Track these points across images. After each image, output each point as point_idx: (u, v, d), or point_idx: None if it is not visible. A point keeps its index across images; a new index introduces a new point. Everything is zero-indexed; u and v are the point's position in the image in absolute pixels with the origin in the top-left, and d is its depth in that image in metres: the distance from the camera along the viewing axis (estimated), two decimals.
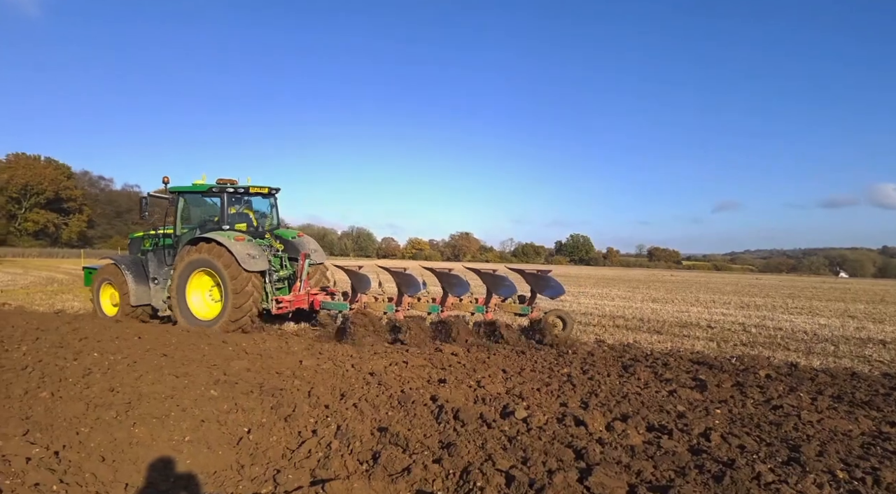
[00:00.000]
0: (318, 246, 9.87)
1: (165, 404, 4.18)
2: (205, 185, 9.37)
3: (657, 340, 9.05)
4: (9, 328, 7.43)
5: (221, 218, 9.19)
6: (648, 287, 27.62)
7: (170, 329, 7.86)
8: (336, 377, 5.35)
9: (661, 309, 14.78)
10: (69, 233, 65.80)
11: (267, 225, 10.00)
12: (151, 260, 9.68)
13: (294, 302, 8.85)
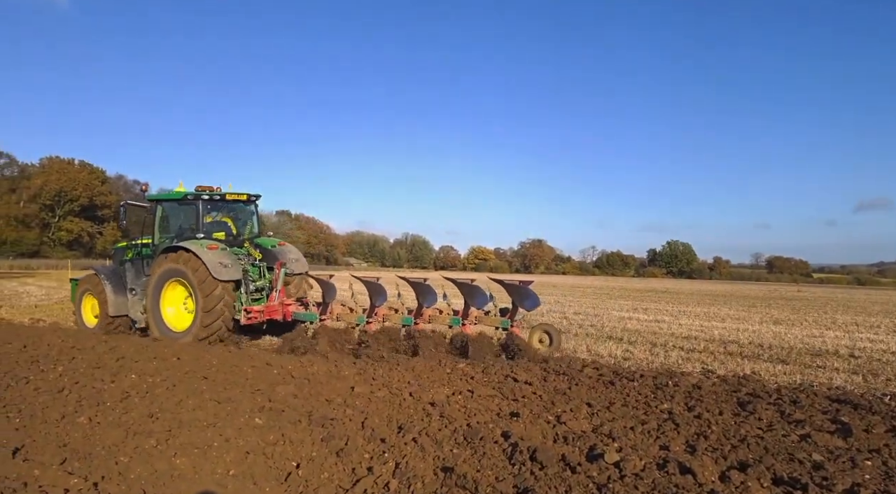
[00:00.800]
0: (300, 255, 10.64)
1: (207, 433, 4.42)
2: (181, 193, 10.10)
3: (782, 371, 8.54)
4: (44, 346, 8.15)
5: (197, 226, 9.93)
6: (768, 305, 26.11)
7: (210, 349, 8.32)
8: (392, 406, 5.44)
9: (787, 332, 13.93)
10: (104, 243, 71.39)
11: (247, 233, 10.78)
12: (129, 271, 10.58)
13: (265, 312, 9.55)
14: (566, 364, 8.13)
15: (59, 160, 70.67)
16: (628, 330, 13.78)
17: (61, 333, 9.58)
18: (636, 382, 6.95)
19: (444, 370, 7.36)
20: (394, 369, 7.33)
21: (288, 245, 10.79)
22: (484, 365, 7.65)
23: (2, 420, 4.59)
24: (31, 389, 5.63)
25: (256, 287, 10.09)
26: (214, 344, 9.11)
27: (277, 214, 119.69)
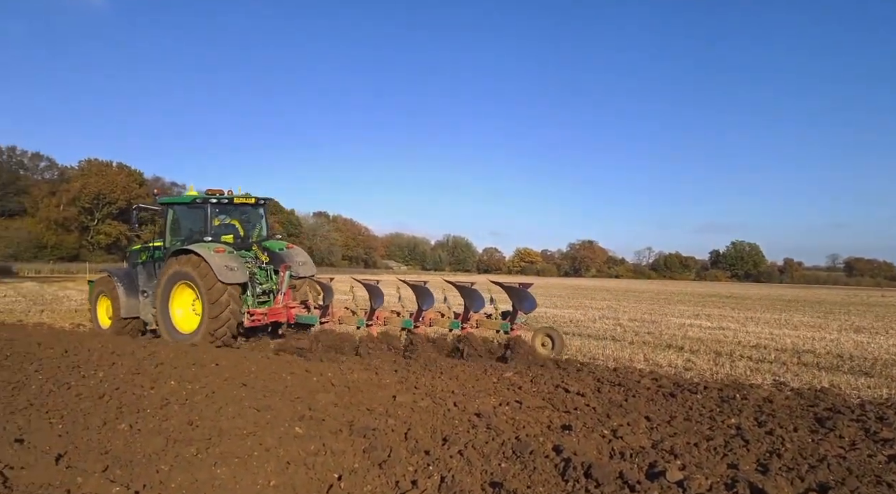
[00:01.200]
0: (308, 258, 11.24)
1: (247, 442, 4.54)
2: (190, 197, 10.89)
3: (866, 385, 8.17)
4: (85, 352, 8.54)
5: (205, 229, 10.62)
6: (848, 311, 25.02)
7: (248, 355, 8.55)
8: (436, 417, 5.46)
9: (870, 342, 13.31)
10: None
11: (255, 236, 11.41)
12: (141, 273, 11.37)
13: (269, 315, 10.14)
14: (622, 374, 7.99)
15: (97, 162, 73.96)
16: (689, 337, 13.44)
17: (101, 338, 10.02)
18: (699, 394, 6.77)
19: (489, 379, 7.35)
20: (437, 377, 7.36)
21: (296, 248, 11.36)
22: (532, 375, 7.60)
23: (45, 425, 4.82)
24: (73, 395, 5.89)
25: (263, 289, 10.67)
26: (253, 351, 9.35)
27: (315, 216, 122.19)
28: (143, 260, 11.68)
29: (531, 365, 8.41)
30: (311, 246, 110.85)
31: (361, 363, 8.36)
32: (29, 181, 72.48)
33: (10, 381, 6.35)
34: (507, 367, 8.20)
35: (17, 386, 6.15)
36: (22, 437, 4.43)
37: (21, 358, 7.81)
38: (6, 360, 7.66)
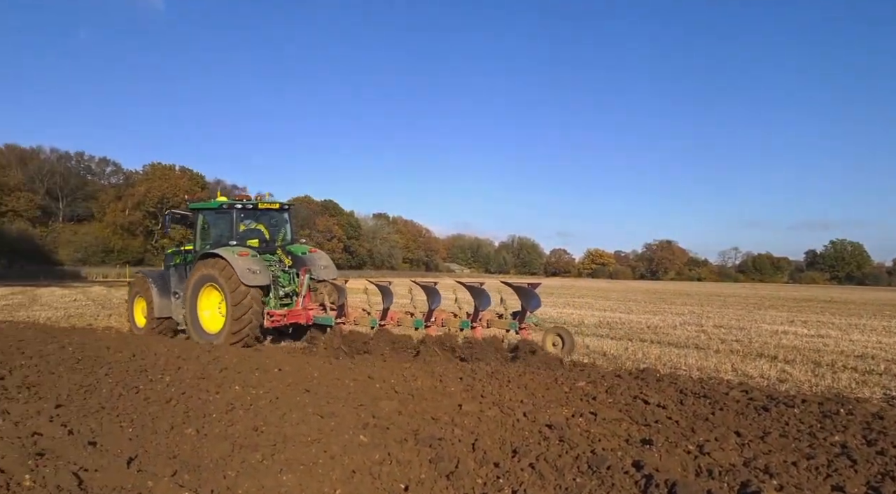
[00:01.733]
0: (330, 262, 12.06)
1: (312, 449, 4.67)
2: (218, 202, 11.84)
3: None
4: (152, 356, 9.01)
5: (231, 233, 11.60)
6: None
7: (310, 361, 8.80)
8: (505, 427, 5.45)
9: None
10: None
11: (280, 240, 12.42)
12: (174, 275, 12.43)
13: (289, 316, 10.94)
14: (707, 385, 7.72)
15: (161, 166, 78.06)
16: (784, 346, 12.83)
17: (167, 343, 10.55)
18: (797, 409, 6.45)
19: (561, 388, 7.26)
20: (504, 386, 7.33)
21: (319, 252, 12.27)
22: (607, 385, 7.46)
23: (116, 428, 5.12)
24: (142, 399, 6.24)
25: (286, 292, 11.62)
26: (315, 356, 9.60)
27: (374, 217, 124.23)
28: (176, 263, 12.72)
29: (605, 375, 8.26)
30: (371, 248, 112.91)
31: (425, 369, 8.43)
32: (96, 186, 77.22)
33: (83, 385, 6.78)
34: (579, 376, 8.08)
35: (89, 390, 6.56)
36: (95, 440, 4.72)
37: (92, 362, 8.33)
38: (78, 364, 8.19)
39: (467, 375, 8.05)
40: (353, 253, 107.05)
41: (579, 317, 19.30)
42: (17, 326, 13.19)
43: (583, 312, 22.21)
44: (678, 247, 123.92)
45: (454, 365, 8.92)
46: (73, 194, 72.97)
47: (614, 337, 13.79)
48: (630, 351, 11.52)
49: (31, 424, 5.04)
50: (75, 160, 78.27)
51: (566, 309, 23.61)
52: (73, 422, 5.17)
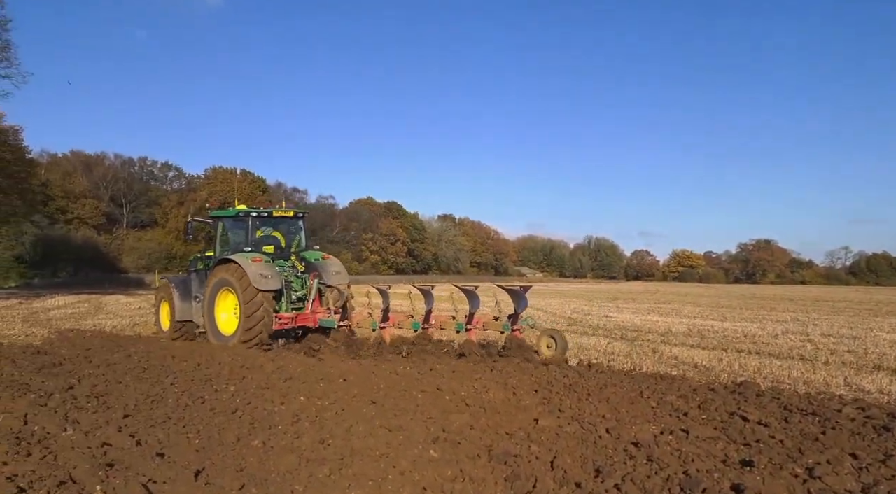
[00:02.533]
0: (342, 268, 13.24)
1: (381, 464, 4.75)
2: (235, 211, 13.44)
3: None
4: (216, 365, 9.41)
5: (246, 240, 12.91)
6: None
7: (376, 371, 8.94)
8: (586, 445, 5.36)
9: None
10: None
11: (294, 246, 13.75)
12: (195, 280, 13.78)
13: (297, 319, 12.12)
14: (816, 401, 7.36)
15: (222, 170, 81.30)
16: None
17: (230, 352, 10.96)
18: None
19: (647, 403, 7.09)
20: (583, 399, 7.24)
21: (332, 258, 13.48)
22: (700, 400, 7.23)
23: (183, 439, 5.36)
24: (207, 409, 6.51)
25: (298, 296, 12.82)
26: (380, 365, 9.75)
27: (440, 219, 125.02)
28: (199, 269, 14.00)
29: (697, 389, 8.01)
30: (437, 251, 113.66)
31: (497, 381, 8.42)
32: (159, 192, 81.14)
33: (149, 394, 7.14)
34: (668, 390, 7.88)
35: (156, 399, 6.90)
36: (163, 451, 4.97)
37: (158, 371, 8.77)
38: (144, 373, 8.64)
39: (543, 387, 7.99)
40: (417, 256, 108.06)
41: (666, 325, 18.78)
42: (85, 335, 14.04)
43: (669, 319, 21.61)
44: (778, 246, 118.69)
45: (529, 376, 8.87)
46: (137, 200, 76.91)
47: (706, 347, 13.36)
48: (725, 363, 11.13)
49: (101, 434, 5.36)
50: (138, 165, 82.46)
51: (650, 317, 23.05)
52: (140, 433, 5.46)
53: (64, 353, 10.54)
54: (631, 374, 9.17)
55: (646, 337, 15.00)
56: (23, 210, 40.19)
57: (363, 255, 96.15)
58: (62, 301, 25.92)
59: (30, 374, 8.25)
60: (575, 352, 11.86)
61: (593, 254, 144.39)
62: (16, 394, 6.77)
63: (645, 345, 13.30)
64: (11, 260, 51.30)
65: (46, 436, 5.29)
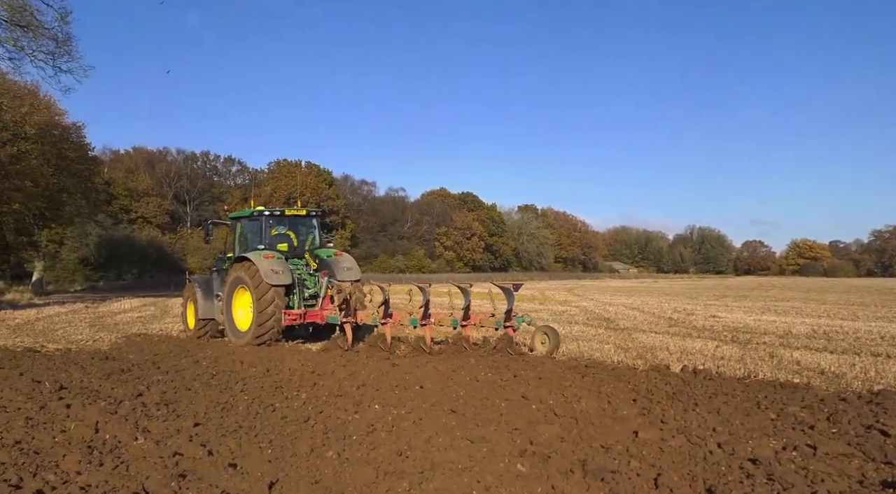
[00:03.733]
0: (354, 265, 14.45)
1: (464, 478, 4.80)
2: (250, 211, 14.99)
3: None
4: (286, 371, 9.74)
5: (260, 239, 14.30)
6: None
7: (455, 378, 9.02)
8: (694, 461, 5.24)
9: None
10: None
11: (308, 244, 15.10)
12: (216, 279, 15.29)
13: (308, 315, 13.36)
14: None
15: (286, 163, 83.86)
16: None
17: (300, 357, 11.31)
18: None
19: (765, 414, 6.86)
20: (690, 410, 7.08)
21: (344, 255, 14.80)
22: (829, 411, 6.92)
23: (255, 449, 5.58)
24: (279, 418, 6.76)
25: (310, 293, 14.09)
26: (458, 372, 9.83)
27: (520, 210, 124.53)
28: (221, 268, 15.39)
29: (825, 399, 7.66)
30: (517, 246, 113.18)
31: (590, 389, 8.35)
32: (222, 188, 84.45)
33: (219, 402, 7.47)
34: (790, 400, 7.58)
35: (226, 407, 7.21)
36: (235, 462, 5.18)
37: (226, 377, 9.16)
38: (213, 380, 9.05)
39: (642, 396, 7.87)
40: (496, 252, 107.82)
41: (785, 326, 18.02)
42: (152, 340, 14.80)
43: (789, 319, 20.72)
44: None
45: (625, 384, 8.74)
46: (200, 197, 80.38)
47: (834, 351, 12.73)
48: (858, 369, 10.57)
49: (172, 443, 5.65)
50: (201, 160, 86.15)
51: (765, 316, 22.19)
52: (212, 442, 5.72)
53: (132, 359, 11.15)
54: (744, 382, 8.88)
55: (761, 340, 14.42)
56: (87, 210, 42.53)
57: (437, 251, 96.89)
58: (128, 304, 27.41)
59: (99, 381, 8.77)
60: (678, 357, 11.58)
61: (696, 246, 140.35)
62: (86, 402, 7.22)
63: (760, 349, 12.81)
64: (77, 262, 54.55)
65: (118, 445, 5.62)
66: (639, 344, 13.56)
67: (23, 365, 10.00)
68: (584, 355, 11.85)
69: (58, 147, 36.45)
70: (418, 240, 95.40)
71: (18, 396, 7.51)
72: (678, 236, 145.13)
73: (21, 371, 9.43)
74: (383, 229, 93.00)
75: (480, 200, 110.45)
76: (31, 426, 6.19)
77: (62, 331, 16.56)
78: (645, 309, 25.39)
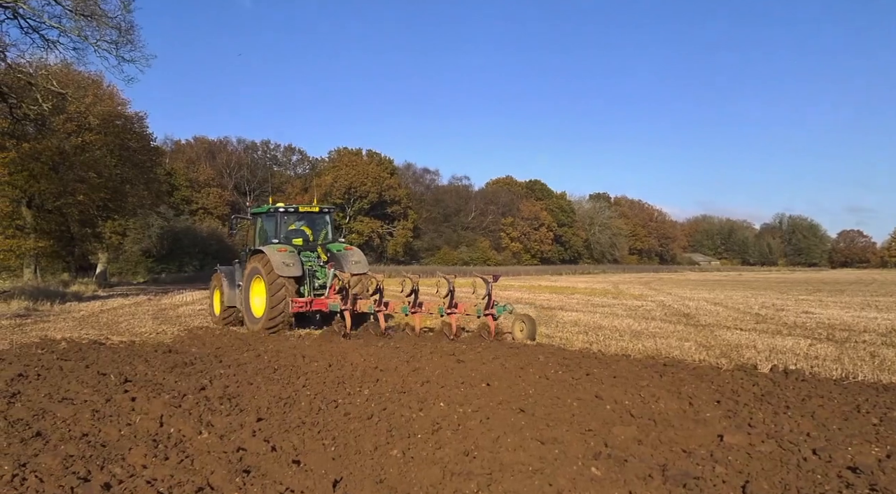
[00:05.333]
0: (362, 258, 16.26)
1: (534, 480, 4.78)
2: (268, 207, 16.87)
3: None
4: (348, 366, 9.89)
5: (275, 233, 16.18)
6: None
7: (523, 376, 8.99)
8: (787, 468, 5.09)
9: None
10: (395, 246, 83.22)
11: (321, 239, 16.95)
12: (238, 270, 17.12)
13: (314, 304, 14.95)
14: None
15: (347, 151, 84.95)
16: None
17: (363, 352, 11.45)
18: None
19: (866, 419, 6.64)
20: (780, 413, 6.92)
21: (354, 249, 16.65)
22: None
23: (318, 446, 5.69)
24: (342, 414, 6.87)
25: (320, 284, 15.84)
26: (527, 369, 9.80)
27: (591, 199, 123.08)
28: (242, 260, 17.28)
29: None
30: (588, 237, 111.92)
31: (668, 389, 8.20)
32: (283, 178, 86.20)
33: (281, 397, 7.65)
34: (893, 404, 7.29)
35: (288, 402, 7.38)
36: (298, 458, 5.30)
37: (288, 372, 9.37)
38: (275, 374, 9.26)
39: (727, 397, 7.70)
40: (565, 243, 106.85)
41: (888, 323, 17.23)
42: (214, 333, 15.27)
43: (892, 316, 19.78)
44: None
45: (708, 384, 8.57)
46: (261, 187, 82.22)
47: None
48: None
49: (235, 438, 5.82)
50: (261, 150, 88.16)
51: (865, 312, 21.30)
52: (275, 438, 5.87)
53: (194, 352, 11.53)
54: (842, 384, 8.59)
55: (860, 338, 13.92)
56: (149, 201, 44.22)
57: (502, 243, 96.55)
58: (189, 297, 28.25)
59: (163, 374, 9.10)
60: (766, 356, 11.25)
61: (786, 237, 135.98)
62: (151, 395, 7.50)
63: (860, 348, 12.32)
64: (139, 254, 56.66)
65: (182, 439, 5.83)
66: (722, 342, 13.23)
67: (88, 358, 10.47)
68: (661, 353, 11.65)
69: (120, 137, 38.00)
70: (483, 230, 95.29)
71: (85, 388, 7.88)
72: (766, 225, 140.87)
73: (87, 363, 9.89)
74: (446, 219, 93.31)
75: (549, 189, 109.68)
76: (97, 419, 6.48)
77: (126, 324, 17.24)
78: (729, 305, 24.76)
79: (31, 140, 31.10)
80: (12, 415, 6.59)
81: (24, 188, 33.14)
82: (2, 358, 10.40)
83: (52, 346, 11.80)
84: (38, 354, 10.87)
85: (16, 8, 21.35)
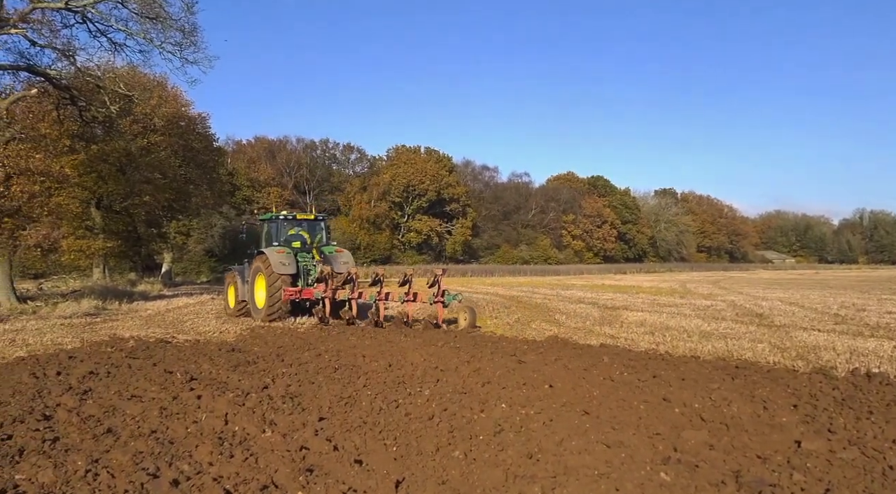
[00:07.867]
0: (350, 259, 19.43)
1: (601, 484, 4.73)
2: (271, 214, 20.00)
3: None
4: (408, 366, 9.96)
5: (275, 237, 19.39)
6: None
7: (587, 377, 8.91)
8: (871, 477, 4.93)
9: None
10: (453, 245, 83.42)
11: (317, 242, 19.94)
12: (247, 268, 19.57)
13: (304, 293, 17.73)
14: None
15: (405, 149, 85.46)
16: None
17: (423, 351, 11.52)
18: None
19: None
20: (863, 418, 6.68)
21: (344, 251, 19.74)
22: None
23: (380, 446, 5.75)
24: (402, 414, 6.93)
25: (313, 279, 18.43)
26: (591, 371, 9.70)
27: (657, 195, 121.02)
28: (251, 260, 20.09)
29: None
30: (654, 234, 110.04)
31: (741, 392, 8.01)
32: (341, 177, 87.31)
33: (342, 396, 7.75)
34: None
35: (349, 402, 7.48)
36: (360, 458, 5.37)
37: (349, 372, 9.49)
38: (336, 373, 9.39)
39: (804, 401, 7.50)
40: (629, 241, 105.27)
41: None
42: (275, 332, 15.55)
43: None
44: None
45: (783, 387, 8.33)
46: (320, 186, 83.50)
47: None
48: None
49: (298, 437, 5.93)
50: (320, 148, 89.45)
51: None
52: (337, 437, 5.97)
53: (257, 351, 11.78)
54: None
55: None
56: (212, 201, 45.37)
57: (564, 241, 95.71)
58: None
59: (226, 372, 9.33)
60: (847, 359, 10.86)
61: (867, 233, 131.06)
62: (215, 393, 7.70)
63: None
64: (202, 253, 58.20)
65: (246, 438, 5.97)
66: (798, 344, 12.82)
67: (155, 356, 10.82)
68: (733, 355, 11.37)
69: (184, 138, 39.16)
70: (543, 228, 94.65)
71: (153, 386, 8.14)
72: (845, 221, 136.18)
73: (154, 361, 10.22)
74: (506, 217, 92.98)
75: (612, 185, 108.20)
76: (164, 416, 6.69)
77: (190, 322, 17.74)
78: (805, 305, 23.98)
79: (100, 142, 32.31)
80: (84, 412, 6.86)
81: (93, 189, 34.45)
82: (74, 356, 10.82)
83: (120, 345, 12.24)
84: (107, 352, 11.29)
85: (84, 12, 22.15)
